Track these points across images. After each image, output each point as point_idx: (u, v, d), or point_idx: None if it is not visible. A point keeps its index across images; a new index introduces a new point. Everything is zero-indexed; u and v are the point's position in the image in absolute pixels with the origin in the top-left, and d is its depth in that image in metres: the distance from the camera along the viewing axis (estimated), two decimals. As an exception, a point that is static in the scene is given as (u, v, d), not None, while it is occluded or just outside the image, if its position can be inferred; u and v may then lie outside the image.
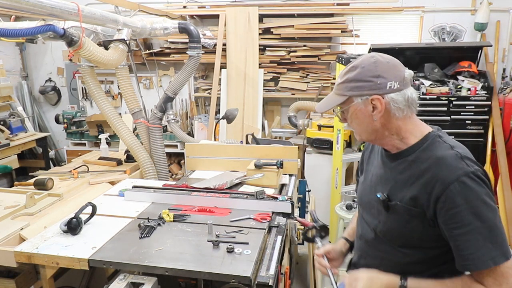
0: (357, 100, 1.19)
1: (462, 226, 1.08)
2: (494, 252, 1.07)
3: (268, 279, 1.60)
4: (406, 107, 1.19)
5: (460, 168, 1.11)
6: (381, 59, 1.21)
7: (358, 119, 1.22)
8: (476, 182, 1.10)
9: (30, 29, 2.33)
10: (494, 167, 4.26)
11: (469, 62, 4.40)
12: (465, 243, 1.09)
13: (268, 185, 2.55)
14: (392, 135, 1.22)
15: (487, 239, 1.07)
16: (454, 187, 1.09)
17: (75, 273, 2.34)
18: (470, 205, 1.08)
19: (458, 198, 1.08)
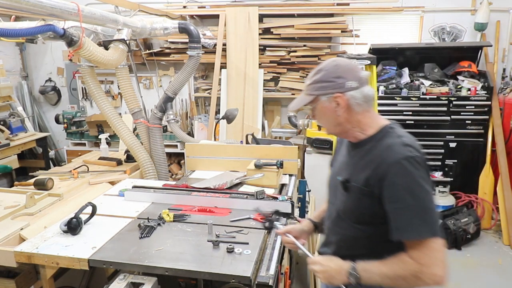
0: (322, 98, 1.37)
1: (398, 202, 1.26)
2: (421, 227, 1.23)
3: (268, 279, 1.60)
4: (364, 102, 1.36)
5: (402, 153, 1.28)
6: (341, 62, 1.38)
7: (325, 115, 1.40)
8: (414, 166, 1.27)
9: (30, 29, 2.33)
10: (494, 167, 4.26)
11: (469, 62, 4.40)
12: (398, 217, 1.26)
13: (268, 185, 2.55)
14: (354, 128, 1.40)
15: (417, 215, 1.24)
16: (395, 168, 1.26)
17: (75, 273, 2.34)
18: (406, 185, 1.25)
19: (397, 177, 1.26)
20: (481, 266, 3.58)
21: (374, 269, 1.31)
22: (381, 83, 4.31)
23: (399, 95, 4.25)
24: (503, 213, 4.03)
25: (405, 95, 4.25)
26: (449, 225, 3.84)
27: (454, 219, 3.90)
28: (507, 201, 4.02)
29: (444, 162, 4.33)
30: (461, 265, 3.60)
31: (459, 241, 3.83)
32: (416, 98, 4.23)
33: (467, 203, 4.28)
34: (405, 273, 1.27)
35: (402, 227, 1.26)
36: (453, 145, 4.29)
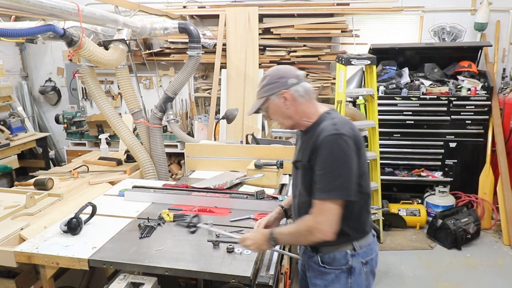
0: (272, 98, 1.62)
1: (319, 169, 1.51)
2: (327, 190, 1.48)
3: (268, 279, 1.60)
4: (306, 94, 1.62)
5: (330, 130, 1.51)
6: (281, 67, 1.68)
7: (277, 111, 1.64)
8: (336, 141, 1.48)
9: (30, 29, 2.33)
10: (494, 167, 4.26)
11: (469, 62, 4.40)
12: (318, 180, 1.51)
13: (268, 185, 2.55)
14: (302, 118, 1.64)
15: (331, 181, 1.48)
16: (322, 141, 1.50)
17: (75, 273, 2.34)
18: (327, 155, 1.49)
19: (321, 149, 1.50)
20: (481, 266, 3.58)
21: (285, 230, 1.62)
22: (381, 83, 4.31)
23: (399, 95, 4.25)
24: (503, 213, 4.03)
25: (405, 95, 4.25)
26: (449, 225, 3.84)
27: (454, 219, 3.90)
28: (507, 201, 4.02)
29: (444, 162, 4.33)
30: (461, 265, 3.60)
31: (459, 241, 3.83)
32: (416, 98, 4.23)
33: (467, 203, 4.28)
34: (302, 228, 1.54)
35: (317, 189, 1.50)
36: (453, 145, 4.29)
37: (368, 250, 1.66)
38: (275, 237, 1.58)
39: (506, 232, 3.96)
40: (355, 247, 1.61)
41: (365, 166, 1.60)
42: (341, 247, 1.60)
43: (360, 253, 1.62)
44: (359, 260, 1.63)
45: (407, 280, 3.38)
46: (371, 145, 3.89)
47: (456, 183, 4.35)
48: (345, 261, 1.61)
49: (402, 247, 3.87)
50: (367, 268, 1.66)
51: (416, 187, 4.49)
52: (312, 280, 1.70)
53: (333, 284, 1.63)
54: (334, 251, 1.61)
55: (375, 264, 1.73)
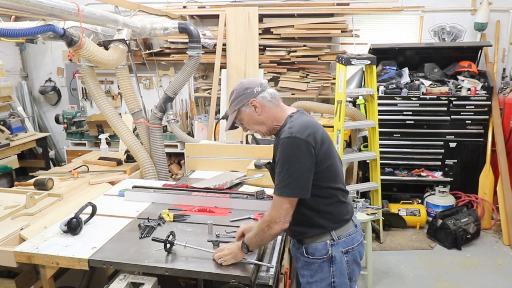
0: (243, 109, 1.74)
1: (277, 168, 1.63)
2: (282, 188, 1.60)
3: (268, 279, 1.60)
4: (273, 98, 1.74)
5: (285, 133, 1.63)
6: (244, 80, 1.80)
7: (250, 120, 1.76)
8: (290, 143, 1.59)
9: (30, 29, 2.33)
10: (494, 167, 4.26)
11: (469, 62, 4.40)
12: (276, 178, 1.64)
13: (268, 185, 2.55)
14: (273, 122, 1.75)
15: (284, 179, 1.60)
16: (279, 144, 1.63)
17: (75, 273, 2.34)
18: (282, 156, 1.61)
19: (278, 150, 1.63)
20: (481, 266, 3.58)
21: (252, 234, 1.68)
22: (381, 83, 4.31)
23: (399, 95, 4.25)
24: (503, 213, 4.03)
25: (405, 95, 4.25)
26: (449, 225, 3.84)
27: (454, 219, 3.90)
28: (507, 201, 4.02)
29: (444, 162, 4.33)
30: (461, 265, 3.60)
31: (459, 241, 3.83)
32: (416, 98, 4.23)
33: (467, 203, 4.28)
34: (263, 225, 1.64)
35: (275, 186, 1.64)
36: (453, 145, 4.29)
37: (348, 240, 1.74)
38: (246, 243, 1.67)
39: (506, 232, 3.96)
40: (333, 237, 1.71)
41: (329, 161, 1.68)
42: (320, 238, 1.71)
43: (339, 243, 1.71)
44: (339, 249, 1.71)
45: (407, 280, 3.38)
46: (371, 145, 3.90)
47: (456, 183, 4.35)
48: (325, 251, 1.71)
49: (402, 247, 3.87)
50: (348, 257, 1.73)
51: (416, 187, 4.49)
52: (300, 271, 1.80)
53: (318, 273, 1.73)
54: (315, 242, 1.72)
55: (359, 254, 1.80)
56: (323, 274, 1.71)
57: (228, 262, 1.65)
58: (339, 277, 1.71)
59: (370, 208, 3.29)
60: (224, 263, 1.64)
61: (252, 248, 1.68)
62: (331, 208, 1.70)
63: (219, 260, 1.65)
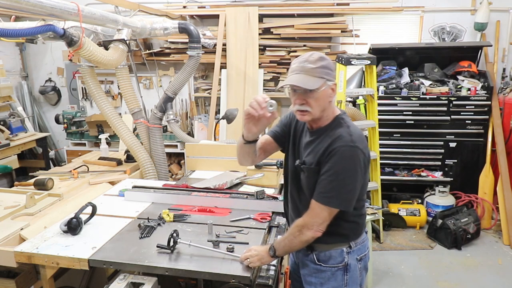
0: (328, 83, 1.52)
1: (327, 176, 1.51)
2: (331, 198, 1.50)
3: (268, 279, 1.60)
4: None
5: (346, 140, 1.50)
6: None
7: (322, 100, 1.53)
8: (351, 153, 1.49)
9: (30, 29, 2.33)
10: (494, 167, 4.26)
11: (469, 62, 4.40)
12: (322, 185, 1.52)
13: (268, 185, 2.56)
14: (326, 116, 1.59)
15: (335, 190, 1.50)
16: (337, 150, 1.49)
17: (75, 273, 2.34)
18: (339, 164, 1.49)
19: (334, 157, 1.49)
20: (481, 266, 3.58)
21: (281, 238, 1.63)
22: (381, 83, 4.31)
23: (399, 95, 4.25)
24: (503, 213, 4.03)
25: (405, 95, 4.25)
26: (449, 225, 3.84)
27: (454, 219, 3.90)
28: (507, 201, 4.02)
29: (444, 162, 4.33)
30: (461, 265, 3.60)
31: (459, 241, 3.83)
32: (416, 98, 4.23)
33: (467, 203, 4.28)
34: (293, 230, 1.57)
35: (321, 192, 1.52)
36: (453, 145, 4.29)
37: (362, 246, 1.69)
38: (274, 246, 1.61)
39: (506, 232, 3.96)
40: (351, 245, 1.65)
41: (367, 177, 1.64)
42: (337, 246, 1.64)
43: (355, 250, 1.66)
44: (355, 257, 1.66)
45: (407, 280, 3.38)
46: (371, 145, 3.89)
47: (456, 183, 4.35)
48: (341, 259, 1.64)
49: (402, 247, 3.87)
50: (361, 264, 1.69)
51: (416, 187, 4.49)
52: (307, 278, 1.72)
53: (330, 282, 1.66)
54: (330, 250, 1.64)
55: (368, 259, 1.76)
56: (336, 283, 1.65)
57: (254, 264, 1.60)
58: (351, 285, 1.67)
59: (370, 208, 3.29)
60: (250, 264, 1.60)
61: (279, 253, 1.61)
62: (358, 218, 1.66)
63: (246, 262, 1.61)
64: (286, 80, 1.54)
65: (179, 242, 1.71)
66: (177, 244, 1.72)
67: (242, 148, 1.75)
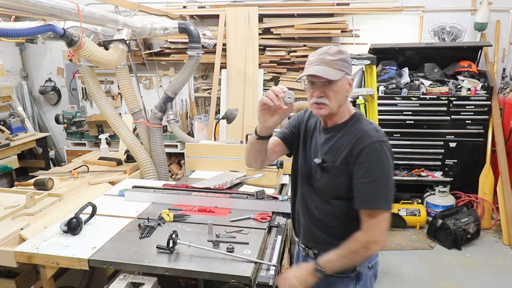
0: (346, 77, 1.49)
1: (367, 177, 1.42)
2: (381, 200, 1.41)
3: (268, 279, 1.60)
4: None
5: (376, 136, 1.45)
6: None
7: (339, 93, 1.49)
8: (384, 149, 1.44)
9: (30, 29, 2.33)
10: (494, 167, 4.26)
11: (469, 62, 4.40)
12: (364, 189, 1.43)
13: (268, 185, 2.55)
14: (341, 112, 1.54)
15: (380, 190, 1.42)
16: (369, 148, 1.43)
17: (75, 273, 2.34)
18: (376, 163, 1.42)
19: (369, 156, 1.42)
20: (481, 266, 3.58)
21: (333, 257, 1.48)
22: (381, 83, 4.31)
23: (399, 95, 4.25)
24: (503, 213, 4.03)
25: (405, 95, 4.25)
26: (449, 225, 3.84)
27: (454, 219, 3.90)
28: (507, 201, 4.02)
29: (444, 162, 4.33)
30: (461, 265, 3.60)
31: (459, 241, 3.83)
32: (416, 98, 4.23)
33: (467, 203, 4.28)
34: (356, 247, 1.44)
35: (365, 198, 1.43)
36: (453, 145, 4.29)
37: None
38: (322, 267, 1.48)
39: (506, 232, 3.96)
40: None
41: None
42: None
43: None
44: (366, 265, 1.61)
45: (407, 280, 3.38)
46: (371, 145, 3.89)
47: (456, 183, 4.35)
48: (353, 268, 1.57)
49: (402, 247, 3.87)
50: (371, 272, 1.65)
51: (416, 187, 4.49)
52: None
53: None
54: None
55: (378, 266, 1.71)
56: None
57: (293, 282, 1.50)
58: None
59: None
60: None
61: (329, 272, 1.48)
62: None
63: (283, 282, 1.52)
64: (306, 71, 1.49)
65: (179, 243, 1.70)
66: (177, 245, 1.71)
67: (254, 145, 1.64)
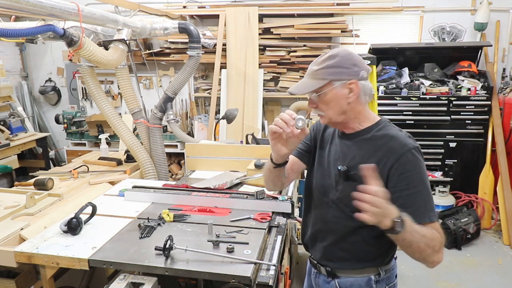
0: (336, 84, 1.37)
1: (411, 188, 1.31)
2: (430, 211, 1.31)
3: (268, 279, 1.60)
4: (368, 95, 1.41)
5: (410, 143, 1.35)
6: (353, 52, 1.42)
7: (334, 101, 1.38)
8: (420, 155, 1.35)
9: (30, 29, 2.33)
10: (494, 167, 4.26)
11: (469, 62, 4.40)
12: (411, 201, 1.30)
13: (268, 185, 2.55)
14: (355, 118, 1.43)
15: (427, 201, 1.32)
16: (406, 156, 1.32)
17: (75, 273, 2.34)
18: (417, 172, 1.32)
19: (408, 165, 1.32)
20: (481, 266, 3.58)
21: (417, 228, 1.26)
22: (381, 83, 4.31)
23: (399, 95, 4.26)
24: (503, 213, 4.03)
25: (405, 95, 4.25)
26: (449, 225, 3.84)
27: (454, 219, 3.90)
28: (507, 201, 4.02)
29: (444, 162, 4.33)
30: (461, 265, 3.60)
31: (459, 241, 3.83)
32: (416, 98, 4.23)
33: (467, 203, 4.28)
34: (435, 242, 1.28)
35: (415, 212, 1.27)
36: (453, 145, 4.29)
37: (391, 274, 1.51)
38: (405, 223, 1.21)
39: (506, 232, 3.96)
40: (380, 272, 1.48)
41: None
42: (364, 271, 1.47)
43: (384, 279, 1.48)
44: (383, 286, 1.49)
45: (407, 280, 3.38)
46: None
47: (456, 183, 4.35)
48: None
49: (402, 247, 3.87)
50: None
51: (416, 187, 4.49)
52: None
53: None
54: (355, 276, 1.48)
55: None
56: None
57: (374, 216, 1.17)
58: None
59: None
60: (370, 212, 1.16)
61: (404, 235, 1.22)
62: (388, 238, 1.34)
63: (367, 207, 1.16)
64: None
65: (175, 248, 1.67)
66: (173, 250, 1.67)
67: (272, 172, 1.57)
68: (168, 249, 1.66)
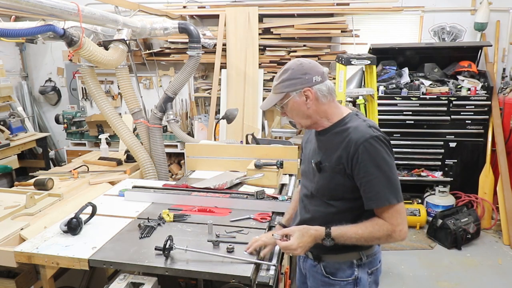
0: (293, 94, 1.51)
1: (367, 176, 1.43)
2: (389, 195, 1.42)
3: (268, 279, 1.60)
4: (329, 94, 1.52)
5: (367, 133, 1.44)
6: (305, 61, 1.53)
7: (296, 109, 1.53)
8: (378, 143, 1.43)
9: (30, 29, 2.33)
10: (494, 167, 4.26)
11: (469, 62, 4.40)
12: (369, 188, 1.44)
13: (268, 185, 2.55)
14: (322, 118, 1.55)
15: (384, 185, 1.42)
16: (364, 146, 1.43)
17: (75, 273, 2.34)
18: (373, 159, 1.42)
19: (365, 154, 1.42)
20: (481, 266, 3.58)
21: (349, 233, 1.46)
22: (381, 83, 4.31)
23: (399, 95, 4.26)
24: (503, 213, 4.03)
25: (405, 95, 4.25)
26: (449, 225, 3.84)
27: (454, 219, 3.90)
28: (507, 201, 4.02)
29: (444, 162, 4.33)
30: (461, 265, 3.60)
31: (459, 241, 3.83)
32: (416, 98, 4.23)
33: (467, 203, 4.28)
34: (380, 234, 1.44)
35: (373, 197, 1.43)
36: (453, 145, 4.29)
37: (373, 260, 1.61)
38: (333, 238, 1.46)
39: (506, 232, 3.96)
40: (361, 257, 1.56)
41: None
42: (346, 256, 1.56)
43: (366, 263, 1.57)
44: (365, 270, 1.58)
45: (407, 280, 3.38)
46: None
47: (456, 183, 4.35)
48: (350, 272, 1.56)
49: (402, 247, 3.87)
50: (371, 279, 1.61)
51: (416, 187, 4.49)
52: None
53: None
54: (339, 261, 1.57)
55: (379, 274, 1.66)
56: None
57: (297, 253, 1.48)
58: None
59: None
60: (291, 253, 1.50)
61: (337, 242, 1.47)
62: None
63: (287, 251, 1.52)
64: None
65: (175, 248, 1.68)
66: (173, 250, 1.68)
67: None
68: (168, 249, 1.66)
